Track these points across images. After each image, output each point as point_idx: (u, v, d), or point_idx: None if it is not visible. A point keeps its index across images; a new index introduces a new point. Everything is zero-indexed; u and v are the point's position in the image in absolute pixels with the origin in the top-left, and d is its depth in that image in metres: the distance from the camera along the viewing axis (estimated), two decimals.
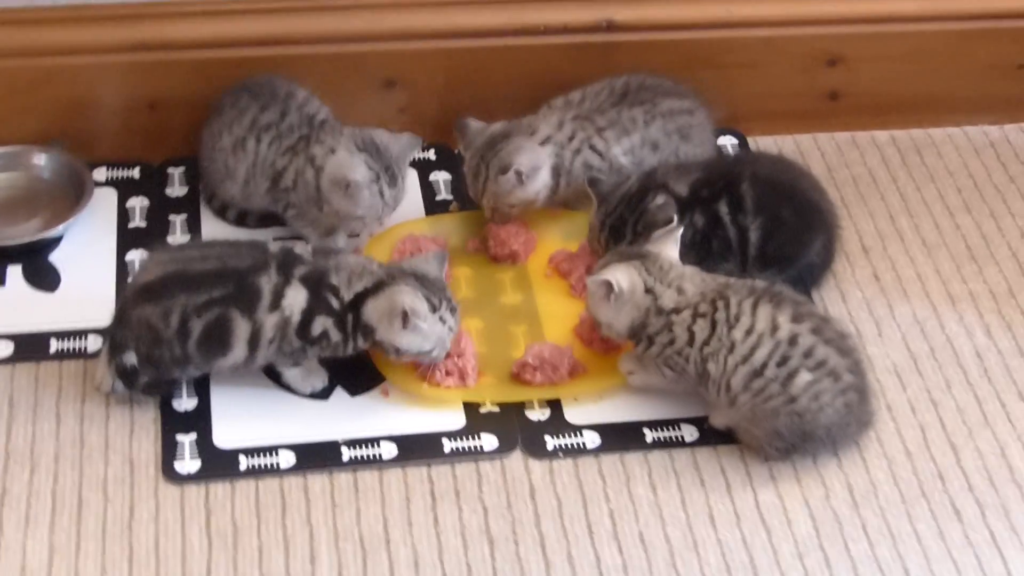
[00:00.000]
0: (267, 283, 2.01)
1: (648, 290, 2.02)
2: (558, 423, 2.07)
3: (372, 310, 2.01)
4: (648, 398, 2.10)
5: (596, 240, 2.24)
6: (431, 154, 2.53)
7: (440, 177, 2.49)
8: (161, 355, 2.02)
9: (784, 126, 2.59)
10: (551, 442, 2.05)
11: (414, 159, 2.47)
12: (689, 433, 2.06)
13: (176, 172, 2.48)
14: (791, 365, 1.95)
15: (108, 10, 2.37)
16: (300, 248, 2.07)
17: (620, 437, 2.06)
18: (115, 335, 2.05)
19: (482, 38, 2.45)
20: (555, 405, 2.10)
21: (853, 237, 2.38)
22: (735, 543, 1.93)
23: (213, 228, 2.37)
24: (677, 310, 2.01)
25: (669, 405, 2.09)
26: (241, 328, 2.00)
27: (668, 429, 2.07)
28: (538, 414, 2.08)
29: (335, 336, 2.04)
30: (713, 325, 1.99)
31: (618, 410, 2.10)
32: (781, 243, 2.21)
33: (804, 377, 1.95)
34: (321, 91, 2.39)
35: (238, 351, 2.02)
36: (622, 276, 2.03)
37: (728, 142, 2.56)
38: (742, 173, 2.23)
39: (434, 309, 2.01)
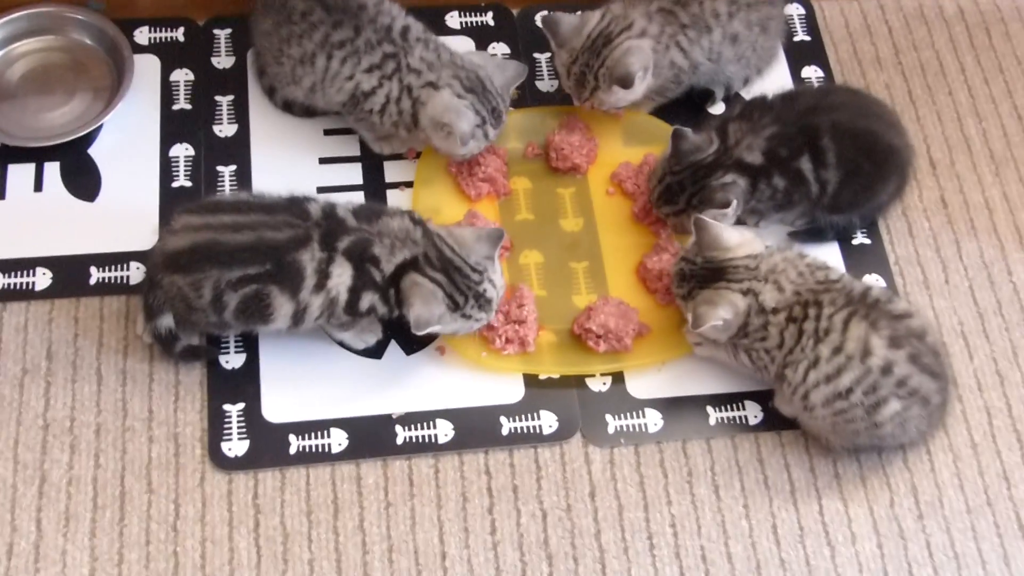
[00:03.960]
0: (310, 260, 1.34)
1: (745, 293, 1.37)
2: (620, 397, 1.45)
3: (404, 291, 1.36)
4: (711, 369, 1.46)
5: (652, 190, 1.53)
6: (489, 18, 1.74)
7: (499, 50, 1.72)
8: (197, 320, 1.39)
9: None
10: (612, 423, 1.43)
11: (469, 24, 1.72)
12: (753, 413, 1.44)
13: (222, 35, 1.68)
14: (880, 394, 1.32)
15: None
16: (342, 210, 1.38)
17: (683, 417, 1.44)
18: (148, 298, 1.39)
19: None
20: (617, 374, 1.47)
21: (921, 147, 1.66)
22: (798, 565, 1.37)
23: (259, 110, 1.61)
24: (776, 310, 1.36)
25: (733, 378, 1.46)
26: (284, 306, 1.35)
27: (732, 408, 1.45)
28: (599, 384, 1.45)
29: (381, 308, 1.38)
30: (800, 334, 1.35)
31: (681, 382, 1.46)
32: (855, 191, 1.51)
33: (893, 406, 1.33)
34: None
35: (280, 323, 1.38)
36: (724, 311, 1.36)
37: (795, 12, 1.79)
38: (821, 125, 1.48)
39: (456, 307, 1.36)
